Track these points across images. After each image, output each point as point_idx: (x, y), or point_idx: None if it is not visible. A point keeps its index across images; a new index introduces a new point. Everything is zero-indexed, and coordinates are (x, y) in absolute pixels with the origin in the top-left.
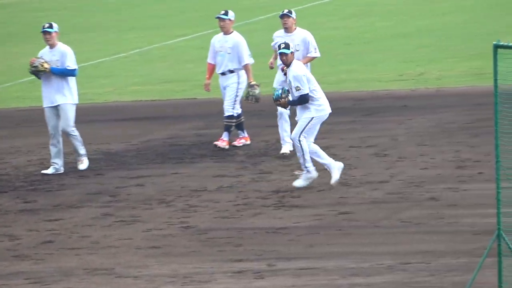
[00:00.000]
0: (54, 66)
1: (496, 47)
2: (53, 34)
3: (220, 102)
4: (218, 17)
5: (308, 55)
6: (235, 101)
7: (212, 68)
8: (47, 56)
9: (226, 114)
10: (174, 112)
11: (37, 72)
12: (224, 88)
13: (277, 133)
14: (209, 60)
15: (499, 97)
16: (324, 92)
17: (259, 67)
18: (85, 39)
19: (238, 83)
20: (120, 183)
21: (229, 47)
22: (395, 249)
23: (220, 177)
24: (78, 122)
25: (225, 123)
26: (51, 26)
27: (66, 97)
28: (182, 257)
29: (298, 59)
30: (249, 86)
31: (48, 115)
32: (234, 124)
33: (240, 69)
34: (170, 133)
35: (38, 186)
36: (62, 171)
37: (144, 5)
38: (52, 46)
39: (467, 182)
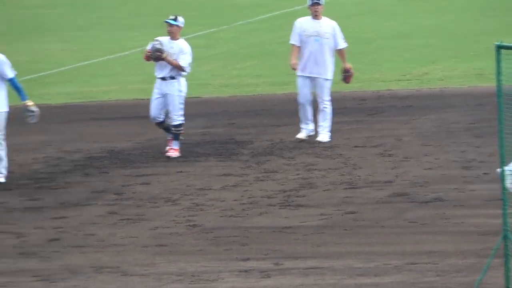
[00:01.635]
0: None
1: (499, 47)
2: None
3: (225, 101)
4: (167, 22)
5: (339, 47)
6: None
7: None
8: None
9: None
10: None
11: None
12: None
13: (281, 132)
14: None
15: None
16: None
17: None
18: (86, 37)
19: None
20: (125, 181)
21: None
22: (402, 249)
23: (225, 176)
24: (85, 120)
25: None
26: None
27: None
28: (189, 255)
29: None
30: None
31: None
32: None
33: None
34: None
35: (44, 184)
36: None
37: (149, 2)
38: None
39: (472, 183)
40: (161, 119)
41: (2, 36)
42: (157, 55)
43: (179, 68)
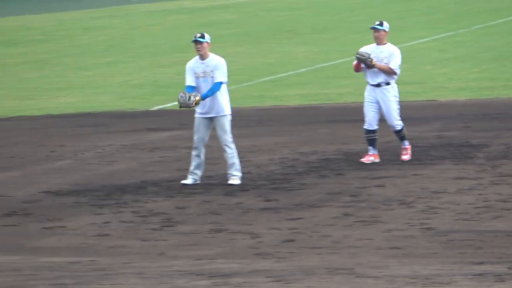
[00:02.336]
0: (208, 77)
1: None
2: (205, 45)
3: (461, 104)
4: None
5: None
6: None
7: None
8: (200, 68)
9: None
10: (414, 113)
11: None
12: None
13: None
14: None
15: None
16: None
17: (499, 71)
18: (323, 40)
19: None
20: (360, 183)
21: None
22: None
23: (459, 179)
24: (321, 122)
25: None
26: (202, 36)
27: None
28: (422, 258)
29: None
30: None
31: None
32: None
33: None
34: (411, 135)
35: (280, 185)
36: (199, 182)
37: (380, 6)
38: (203, 57)
39: None
40: (374, 128)
41: (243, 39)
42: (367, 62)
43: (390, 72)
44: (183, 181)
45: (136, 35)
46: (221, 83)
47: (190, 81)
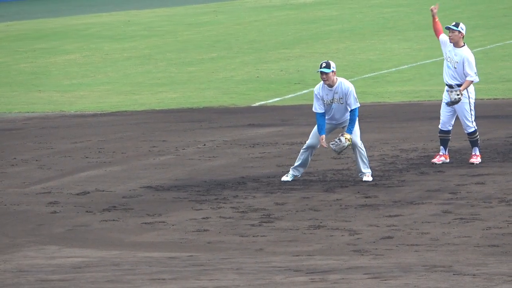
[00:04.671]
0: (337, 103)
1: None
2: (330, 74)
3: None
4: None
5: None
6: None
7: None
8: (329, 96)
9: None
10: None
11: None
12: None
13: None
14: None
15: None
16: None
17: None
18: (426, 37)
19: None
20: (460, 180)
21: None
22: None
23: None
24: (421, 119)
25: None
26: (328, 66)
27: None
28: None
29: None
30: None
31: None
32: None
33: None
34: (511, 132)
35: (379, 181)
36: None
37: (484, 3)
38: (330, 85)
39: None
40: (448, 129)
41: (346, 35)
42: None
43: (470, 83)
44: (283, 178)
45: (241, 30)
46: (356, 109)
47: (319, 108)
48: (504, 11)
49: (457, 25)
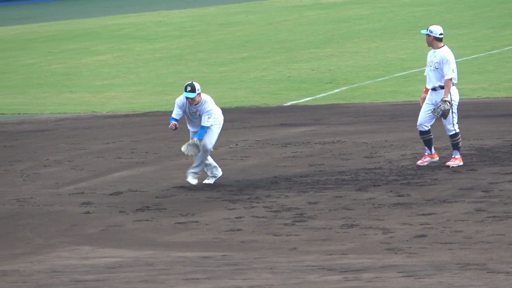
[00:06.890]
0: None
1: None
2: (196, 98)
3: None
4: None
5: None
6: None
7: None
8: (192, 109)
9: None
10: None
11: None
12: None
13: None
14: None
15: None
16: None
17: None
18: (457, 35)
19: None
20: (493, 179)
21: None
22: None
23: None
24: None
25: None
26: (193, 90)
27: None
28: None
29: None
30: (442, 101)
31: None
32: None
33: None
34: None
35: (411, 180)
36: None
37: None
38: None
39: None
40: (425, 129)
41: (377, 34)
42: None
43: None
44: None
45: (272, 30)
46: (207, 127)
47: (177, 115)
48: None
49: (428, 30)
